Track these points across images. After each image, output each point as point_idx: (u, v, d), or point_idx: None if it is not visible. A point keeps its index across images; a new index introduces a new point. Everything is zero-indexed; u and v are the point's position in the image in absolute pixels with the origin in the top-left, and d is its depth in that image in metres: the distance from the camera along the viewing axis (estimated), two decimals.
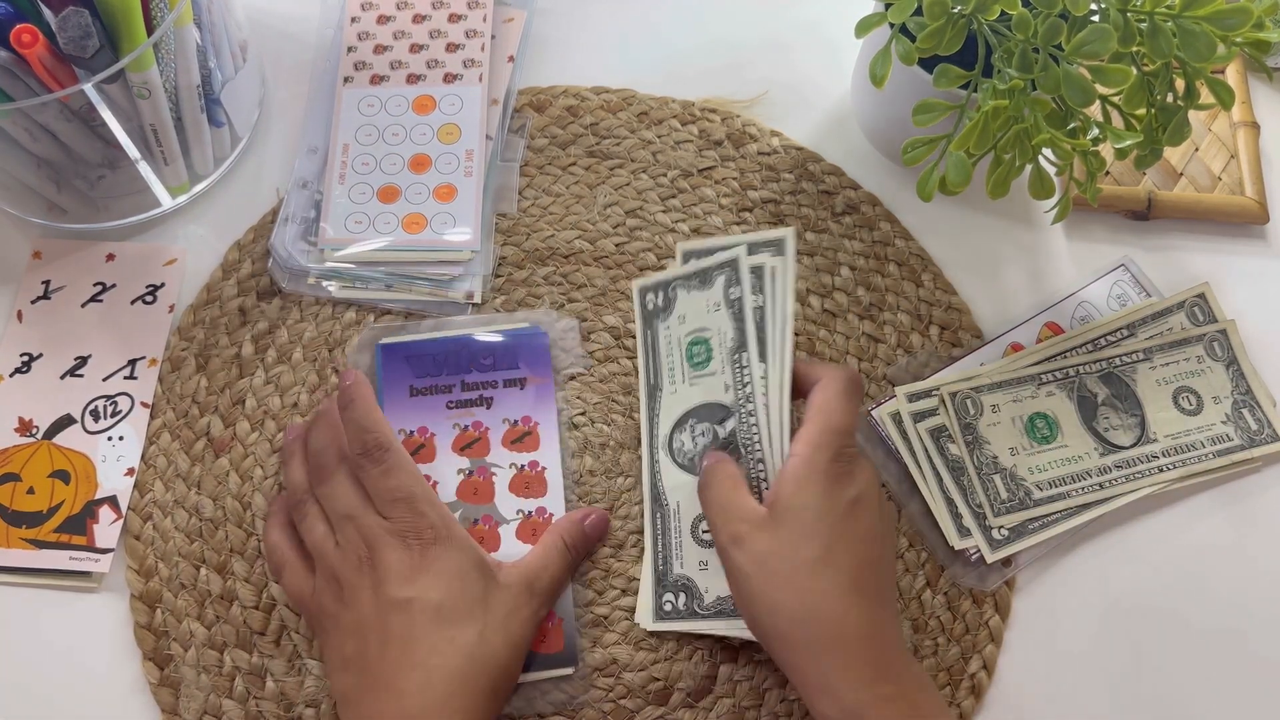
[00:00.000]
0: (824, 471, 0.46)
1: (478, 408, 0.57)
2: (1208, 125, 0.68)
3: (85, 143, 0.58)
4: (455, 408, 0.57)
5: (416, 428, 0.56)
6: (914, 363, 0.60)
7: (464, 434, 0.56)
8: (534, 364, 0.58)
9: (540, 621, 0.51)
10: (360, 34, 0.68)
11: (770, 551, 0.45)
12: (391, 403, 0.56)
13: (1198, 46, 0.48)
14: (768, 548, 0.45)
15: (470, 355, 0.58)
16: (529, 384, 0.57)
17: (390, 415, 0.56)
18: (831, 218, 0.65)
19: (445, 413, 0.57)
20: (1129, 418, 0.58)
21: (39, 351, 0.60)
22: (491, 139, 0.65)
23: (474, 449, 0.56)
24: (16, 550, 0.55)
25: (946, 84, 0.53)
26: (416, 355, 0.57)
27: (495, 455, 0.56)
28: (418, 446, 0.56)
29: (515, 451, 0.56)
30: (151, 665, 0.53)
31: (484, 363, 0.57)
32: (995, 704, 0.54)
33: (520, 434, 0.56)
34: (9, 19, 0.52)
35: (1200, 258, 0.65)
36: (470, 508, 0.55)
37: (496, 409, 0.57)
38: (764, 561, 0.45)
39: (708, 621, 0.52)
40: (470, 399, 0.57)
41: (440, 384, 0.57)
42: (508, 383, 0.57)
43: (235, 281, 0.62)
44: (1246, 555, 0.57)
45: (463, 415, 0.57)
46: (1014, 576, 0.56)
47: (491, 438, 0.56)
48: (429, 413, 0.56)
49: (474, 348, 0.58)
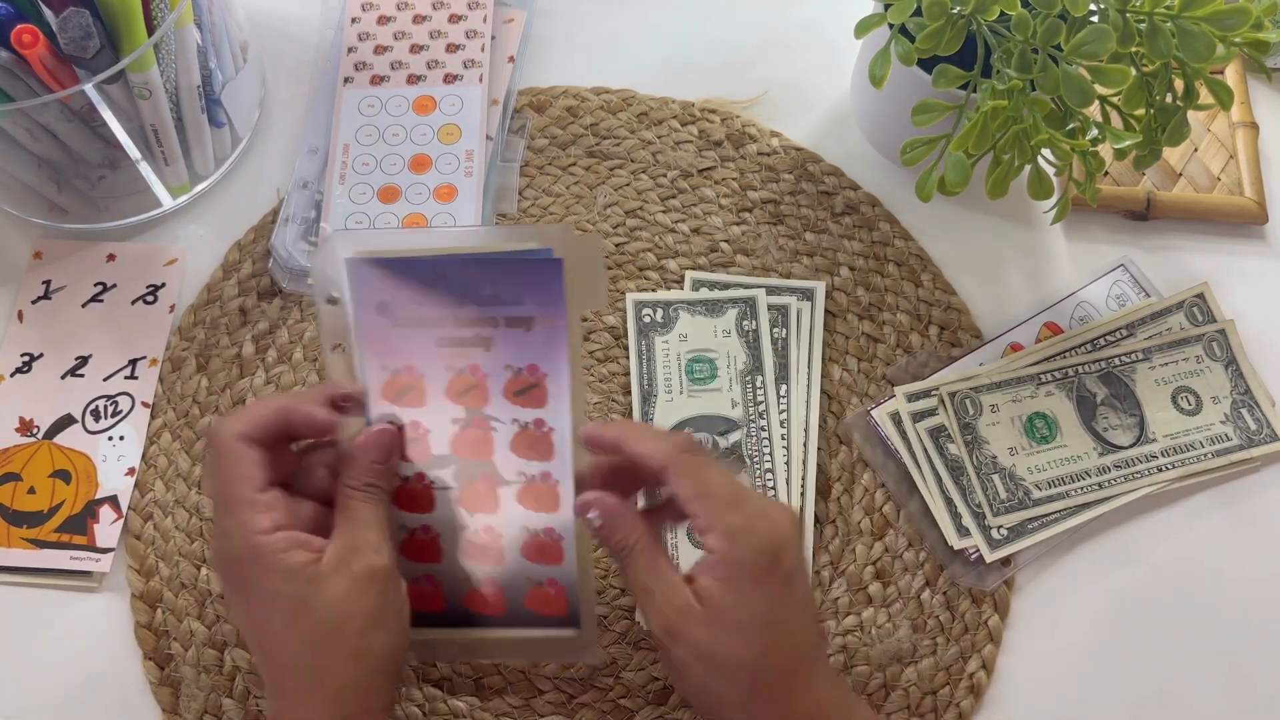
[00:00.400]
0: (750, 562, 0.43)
1: (475, 349, 0.46)
2: (1207, 125, 0.68)
3: (86, 143, 0.58)
4: (449, 346, 0.46)
5: (403, 365, 0.46)
6: (913, 363, 0.61)
7: (459, 378, 0.46)
8: (544, 299, 0.45)
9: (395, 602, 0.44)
10: (361, 34, 0.68)
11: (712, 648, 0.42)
12: (370, 333, 0.45)
13: (1197, 47, 0.48)
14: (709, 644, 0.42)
15: (465, 284, 0.45)
16: (536, 325, 0.45)
17: (368, 348, 0.46)
18: (831, 218, 0.65)
19: (437, 352, 0.46)
20: (1128, 418, 0.58)
21: (40, 351, 0.60)
22: (492, 139, 0.65)
23: (471, 397, 0.46)
24: (17, 550, 0.55)
25: (946, 84, 0.53)
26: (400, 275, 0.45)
27: (495, 407, 0.46)
28: (406, 389, 0.46)
29: (519, 406, 0.46)
30: (152, 665, 0.53)
31: (482, 294, 0.45)
32: (994, 704, 0.54)
33: (525, 385, 0.46)
34: (10, 19, 0.52)
35: (1199, 258, 0.65)
36: (467, 463, 0.47)
37: (496, 352, 0.46)
38: (705, 656, 0.42)
39: None
40: (466, 337, 0.46)
41: (428, 315, 0.45)
42: (510, 321, 0.45)
43: (236, 281, 0.62)
44: (1246, 555, 0.57)
45: (457, 356, 0.46)
46: (1013, 576, 0.56)
47: (491, 386, 0.46)
48: (418, 349, 0.46)
49: (468, 270, 0.45)
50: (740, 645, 0.42)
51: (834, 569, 0.56)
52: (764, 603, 0.43)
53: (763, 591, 0.43)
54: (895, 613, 0.55)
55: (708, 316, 0.60)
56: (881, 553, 0.57)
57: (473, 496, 0.47)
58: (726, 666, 0.42)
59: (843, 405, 0.60)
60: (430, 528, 0.48)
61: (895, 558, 0.56)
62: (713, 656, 0.42)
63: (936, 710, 0.54)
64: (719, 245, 0.64)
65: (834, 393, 0.60)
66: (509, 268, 0.45)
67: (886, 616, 0.55)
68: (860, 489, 0.58)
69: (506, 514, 0.48)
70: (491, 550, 0.48)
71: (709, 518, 0.43)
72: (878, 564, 0.56)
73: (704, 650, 0.42)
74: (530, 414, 0.46)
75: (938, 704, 0.54)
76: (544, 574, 0.48)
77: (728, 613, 0.42)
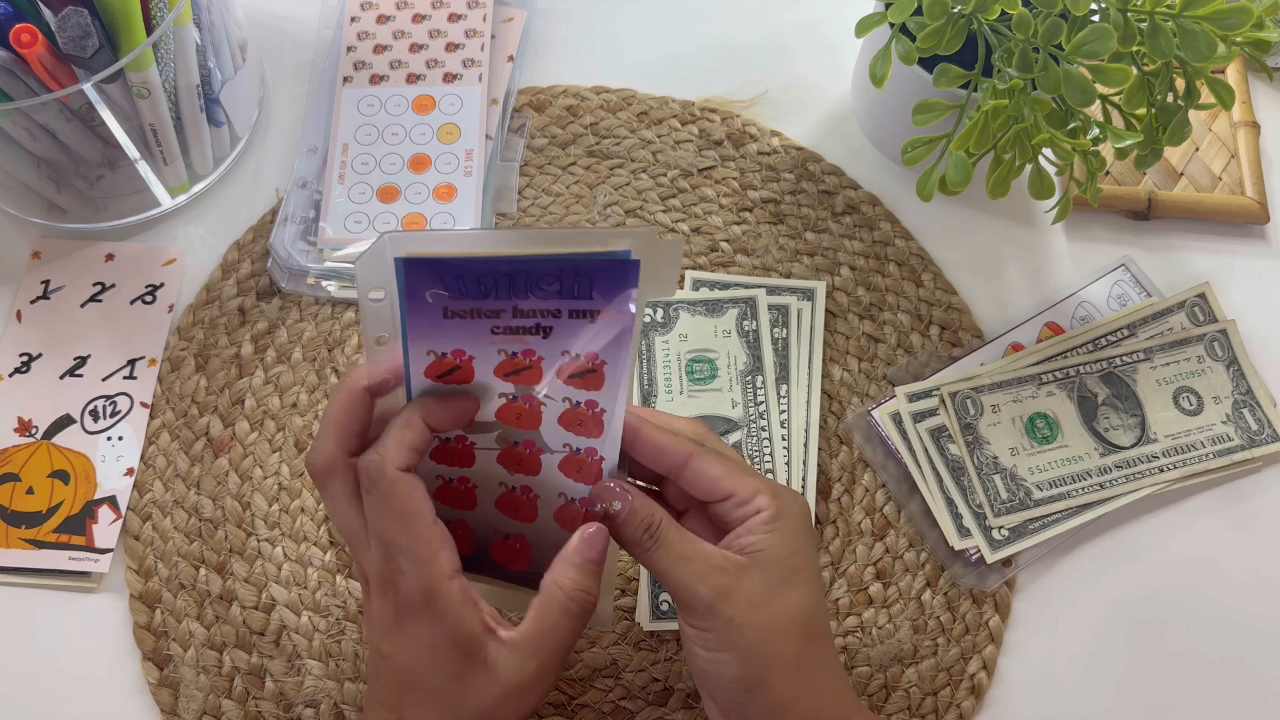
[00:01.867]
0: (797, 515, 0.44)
1: (531, 335, 0.43)
2: (1208, 125, 0.68)
3: (85, 142, 0.58)
4: (503, 334, 0.43)
5: (450, 349, 0.43)
6: (914, 363, 0.60)
7: (511, 360, 0.44)
8: (615, 296, 0.43)
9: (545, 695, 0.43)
10: (360, 34, 0.68)
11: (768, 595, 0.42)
12: (417, 325, 0.42)
13: (1198, 46, 0.48)
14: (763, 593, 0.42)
15: (530, 278, 0.42)
16: (601, 317, 0.43)
17: (415, 337, 0.42)
18: (831, 218, 0.65)
19: (489, 338, 0.43)
20: (1129, 418, 0.58)
21: (38, 351, 0.60)
22: (491, 139, 0.65)
23: (522, 376, 0.44)
24: (16, 550, 0.55)
25: (946, 84, 0.53)
26: (454, 276, 0.42)
27: (548, 386, 0.44)
28: (450, 369, 0.44)
29: (572, 386, 0.44)
30: (151, 665, 0.53)
31: (547, 288, 0.42)
32: (995, 704, 0.54)
33: (582, 369, 0.44)
34: (8, 19, 0.52)
35: (1200, 258, 0.64)
36: (511, 430, 0.45)
37: (555, 339, 0.43)
38: (761, 604, 0.42)
39: None
40: (524, 326, 0.43)
41: (485, 308, 0.42)
42: (574, 313, 0.43)
43: (235, 281, 0.62)
44: (1247, 555, 0.57)
45: (511, 342, 0.43)
46: (1014, 577, 0.56)
47: (545, 367, 0.44)
48: (468, 336, 0.43)
49: (536, 268, 0.42)
50: (795, 590, 0.42)
51: (834, 569, 0.56)
52: (810, 552, 0.44)
53: (809, 545, 0.44)
54: (896, 613, 0.55)
55: (708, 316, 0.60)
56: (882, 553, 0.56)
57: (514, 458, 0.46)
58: (783, 613, 0.42)
59: (843, 405, 0.60)
60: (468, 479, 0.47)
61: (896, 558, 0.56)
62: (769, 603, 0.42)
63: (937, 711, 0.53)
64: (719, 245, 0.63)
65: (834, 393, 0.60)
66: (583, 267, 0.42)
67: (887, 617, 0.55)
68: (861, 489, 0.58)
69: (546, 478, 0.46)
70: (525, 507, 0.47)
71: (751, 484, 0.43)
72: (878, 564, 0.56)
73: (759, 598, 0.42)
74: (584, 395, 0.45)
75: (938, 705, 0.54)
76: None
77: (781, 561, 0.42)
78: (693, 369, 0.59)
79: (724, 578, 0.42)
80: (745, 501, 0.43)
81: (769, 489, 0.44)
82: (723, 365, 0.59)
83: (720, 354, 0.59)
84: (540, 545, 0.47)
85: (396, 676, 0.42)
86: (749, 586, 0.42)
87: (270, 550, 0.55)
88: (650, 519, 0.43)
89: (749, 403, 0.58)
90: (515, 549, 0.47)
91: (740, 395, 0.58)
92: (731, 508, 0.43)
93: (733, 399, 0.58)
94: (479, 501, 0.47)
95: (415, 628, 0.41)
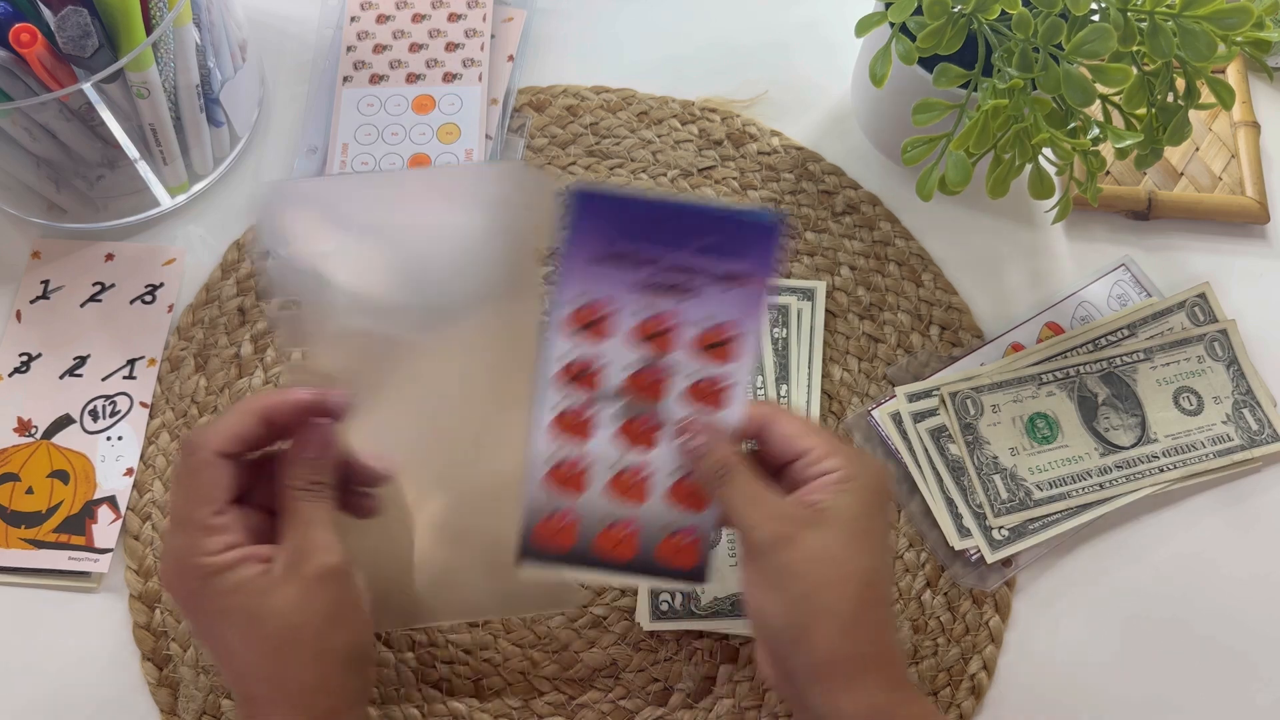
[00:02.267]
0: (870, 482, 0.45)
1: (672, 297, 0.45)
2: (1208, 125, 0.68)
3: (84, 142, 0.58)
4: (650, 289, 0.45)
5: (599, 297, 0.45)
6: (914, 363, 0.60)
7: (649, 322, 0.45)
8: (759, 260, 0.45)
9: (350, 601, 0.43)
10: (360, 33, 0.68)
11: (828, 550, 0.43)
12: (573, 261, 0.45)
13: (1198, 46, 0.48)
14: (823, 548, 0.43)
15: (685, 229, 0.45)
16: (744, 284, 0.45)
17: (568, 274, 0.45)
18: (831, 217, 0.65)
19: (637, 291, 0.45)
20: (1129, 418, 0.58)
21: (38, 351, 0.60)
22: (491, 138, 0.65)
23: (656, 342, 0.46)
24: (15, 550, 0.55)
25: (946, 83, 0.53)
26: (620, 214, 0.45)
27: (679, 355, 0.46)
28: (592, 320, 0.45)
29: (704, 360, 0.46)
30: (150, 665, 0.53)
31: (701, 244, 0.45)
32: (995, 704, 0.54)
33: (716, 340, 0.46)
34: (8, 18, 0.52)
35: (1200, 257, 0.64)
36: (634, 402, 0.46)
37: (695, 305, 0.45)
38: (819, 559, 0.43)
39: (704, 621, 0.52)
40: (669, 283, 0.45)
41: (641, 255, 0.45)
42: (719, 277, 0.45)
43: (234, 281, 0.62)
44: (1247, 555, 0.57)
45: (654, 301, 0.45)
46: (1014, 577, 0.56)
47: (681, 335, 0.46)
48: (617, 285, 0.45)
49: (692, 220, 0.44)
50: (857, 549, 0.43)
51: None
52: (880, 520, 0.44)
53: (880, 512, 0.44)
54: (896, 613, 0.55)
55: None
56: None
57: (632, 432, 0.47)
58: (841, 570, 0.42)
59: (843, 405, 0.60)
60: (580, 460, 0.47)
61: (896, 558, 0.56)
62: (828, 559, 0.42)
63: None
64: None
65: (834, 393, 0.60)
66: (732, 225, 0.45)
67: None
68: None
69: (661, 454, 0.47)
70: (636, 489, 0.47)
71: (827, 445, 0.44)
72: None
73: (818, 553, 0.42)
74: (713, 368, 0.46)
75: (939, 705, 0.54)
76: (683, 521, 0.47)
77: (847, 520, 0.43)
78: None
79: (786, 525, 0.43)
80: (818, 461, 0.44)
81: (845, 453, 0.44)
82: None
83: None
84: (648, 528, 0.47)
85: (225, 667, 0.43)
86: (810, 539, 0.43)
87: None
88: (726, 459, 0.45)
89: None
90: (620, 538, 0.47)
91: None
92: (805, 466, 0.44)
93: None
94: (587, 485, 0.47)
95: (203, 605, 0.42)
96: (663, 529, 0.47)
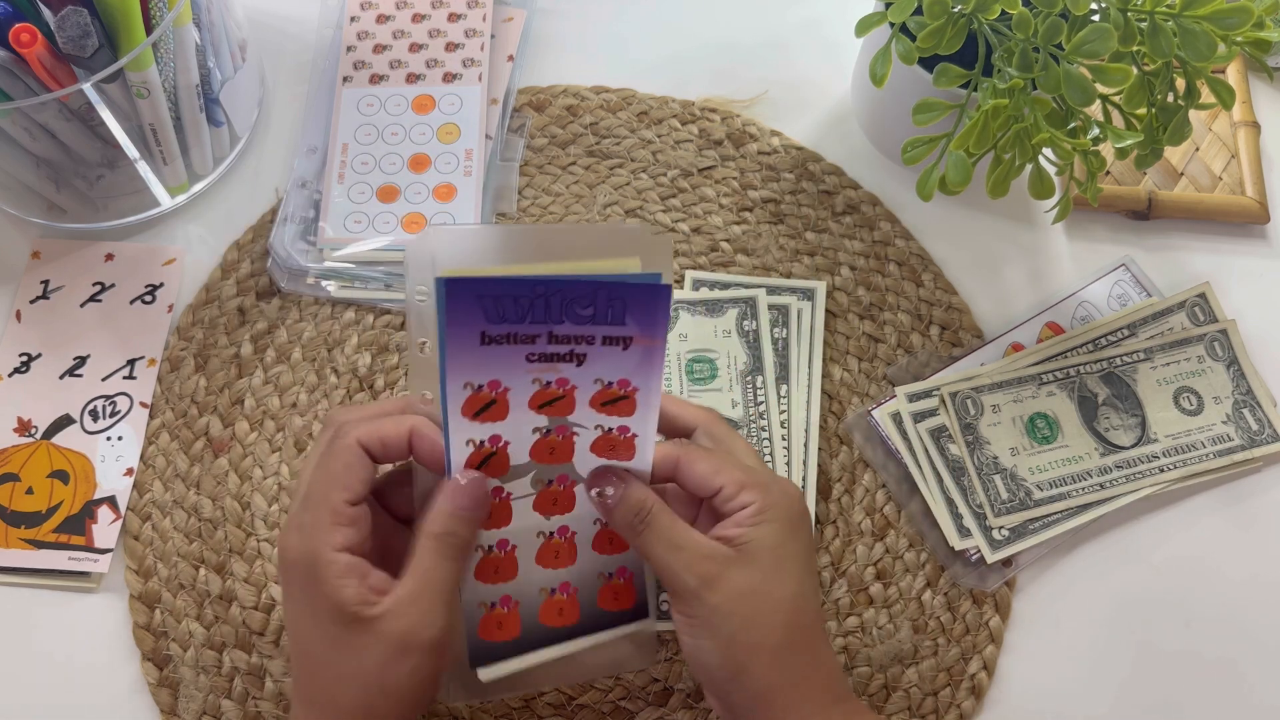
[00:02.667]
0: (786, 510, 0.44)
1: (566, 364, 0.44)
2: (1208, 125, 0.68)
3: (84, 142, 0.58)
4: (537, 361, 0.44)
5: (487, 381, 0.44)
6: (914, 363, 0.60)
7: (545, 390, 0.45)
8: (646, 322, 0.44)
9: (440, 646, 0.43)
10: (359, 33, 0.68)
11: (752, 585, 0.43)
12: (456, 351, 0.43)
13: (1198, 46, 0.48)
14: (747, 584, 0.43)
15: (565, 301, 0.43)
16: (635, 344, 0.44)
17: (453, 366, 0.43)
18: (831, 217, 0.65)
19: (524, 366, 0.44)
20: (1129, 418, 0.58)
21: (38, 351, 0.60)
22: (491, 138, 0.65)
23: (555, 407, 0.45)
24: (15, 550, 0.55)
25: (946, 83, 0.53)
26: (492, 295, 0.43)
27: (580, 415, 0.46)
28: (486, 403, 0.44)
29: (604, 414, 0.46)
30: (150, 665, 0.53)
31: (582, 313, 0.44)
32: (995, 705, 0.54)
33: (614, 397, 0.45)
34: (8, 18, 0.52)
35: (1201, 257, 0.64)
36: (544, 468, 0.46)
37: (589, 368, 0.45)
38: (746, 595, 0.43)
39: None
40: (558, 353, 0.44)
41: (521, 333, 0.43)
42: (608, 340, 0.44)
43: (234, 281, 0.62)
44: (1247, 555, 0.57)
45: (545, 370, 0.44)
46: (1014, 577, 0.56)
47: (578, 397, 0.45)
48: (503, 364, 0.44)
49: (571, 292, 0.43)
50: (780, 581, 0.43)
51: (835, 570, 0.56)
52: (800, 546, 0.45)
53: (798, 537, 0.45)
54: (896, 614, 0.55)
55: (708, 316, 0.60)
56: (882, 553, 0.56)
57: (549, 499, 0.47)
58: (766, 603, 0.43)
59: (843, 405, 0.60)
60: (507, 541, 0.47)
61: (896, 558, 0.56)
62: (754, 594, 0.43)
63: (938, 711, 0.53)
64: (719, 245, 0.63)
65: (835, 393, 0.60)
66: (616, 293, 0.43)
67: (888, 617, 0.55)
68: (861, 489, 0.58)
69: (580, 510, 0.47)
70: (565, 550, 0.47)
71: (738, 477, 0.44)
72: (879, 565, 0.56)
73: (744, 589, 0.43)
74: (615, 421, 0.46)
75: (939, 705, 0.54)
76: (614, 564, 0.48)
77: (768, 552, 0.43)
78: (692, 369, 0.59)
79: (711, 566, 0.43)
80: (733, 496, 0.44)
81: (757, 482, 0.44)
82: (723, 365, 0.59)
83: (720, 354, 0.59)
84: (585, 583, 0.48)
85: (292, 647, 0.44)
86: (735, 577, 0.43)
87: (270, 550, 0.55)
88: (642, 505, 0.44)
89: (749, 403, 0.58)
90: (562, 605, 0.48)
91: (740, 395, 0.58)
92: (722, 501, 0.44)
93: (733, 399, 0.58)
94: (520, 564, 0.47)
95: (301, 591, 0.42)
96: (598, 577, 0.48)
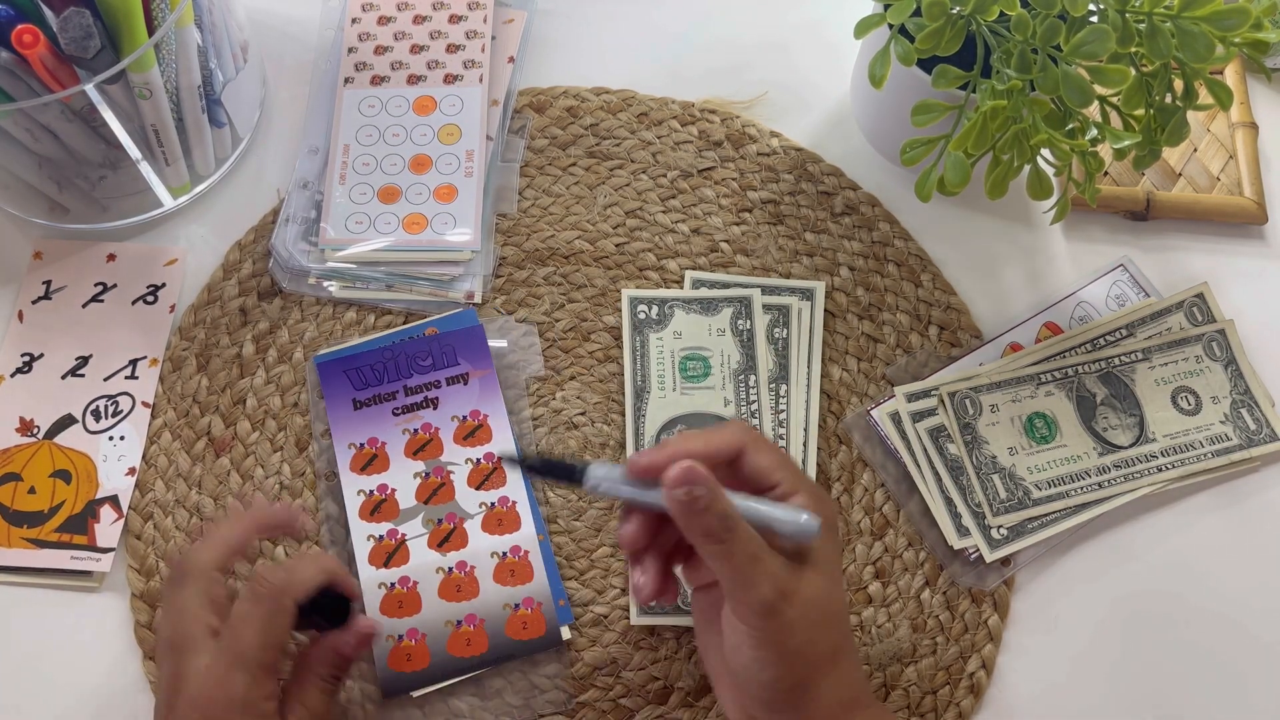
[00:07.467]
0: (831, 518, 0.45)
1: (425, 410, 0.57)
2: (1206, 126, 0.68)
3: (87, 143, 0.58)
4: (402, 413, 0.57)
5: (366, 439, 0.56)
6: (913, 363, 0.61)
7: (415, 438, 0.56)
8: (473, 356, 0.58)
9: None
10: (361, 35, 0.68)
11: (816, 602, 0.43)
12: (337, 419, 0.56)
13: (1196, 47, 0.48)
14: (814, 599, 0.43)
15: (408, 358, 0.57)
16: (472, 378, 0.57)
17: (337, 432, 0.56)
18: (831, 218, 0.65)
19: (393, 420, 0.56)
20: (1128, 417, 0.58)
21: (40, 351, 0.60)
22: (492, 140, 0.66)
23: (427, 450, 0.56)
24: (18, 550, 0.55)
25: (945, 84, 0.53)
26: (354, 367, 0.57)
27: (449, 454, 0.56)
28: (370, 458, 0.56)
29: (469, 447, 0.56)
30: (152, 665, 0.53)
31: (423, 364, 0.57)
32: (994, 703, 0.54)
33: (471, 429, 0.56)
34: (10, 20, 0.52)
35: (1199, 258, 0.65)
36: (432, 509, 0.55)
37: (444, 408, 0.57)
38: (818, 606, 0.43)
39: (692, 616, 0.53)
40: (416, 402, 0.57)
41: (383, 392, 0.57)
42: (451, 380, 0.57)
43: (236, 281, 0.62)
44: (1245, 554, 0.57)
45: (410, 420, 0.56)
46: (1013, 576, 0.56)
47: (443, 437, 0.56)
48: (376, 423, 0.56)
49: (410, 350, 0.58)
50: (837, 589, 0.44)
51: None
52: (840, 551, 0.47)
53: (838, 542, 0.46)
54: (895, 612, 0.55)
55: (702, 314, 0.60)
56: (881, 552, 0.57)
57: (441, 536, 0.54)
58: (831, 613, 0.43)
59: (842, 405, 0.60)
60: (409, 578, 0.53)
61: (895, 557, 0.56)
62: (820, 606, 0.43)
63: (936, 710, 0.54)
64: (719, 245, 0.64)
65: (834, 392, 0.60)
66: (443, 339, 0.58)
67: (886, 616, 0.55)
68: (860, 489, 0.58)
69: (475, 545, 0.54)
70: (467, 584, 0.53)
71: (794, 479, 0.44)
72: (877, 564, 0.56)
73: (813, 601, 0.43)
74: (479, 451, 0.56)
75: (938, 704, 0.54)
76: (519, 595, 0.53)
77: (830, 565, 0.44)
78: (686, 366, 0.59)
79: (788, 579, 0.42)
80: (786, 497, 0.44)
81: (809, 489, 0.44)
82: (716, 364, 0.59)
83: (714, 352, 0.59)
84: (491, 615, 0.53)
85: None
86: (805, 590, 0.42)
87: (271, 550, 0.56)
88: (728, 513, 0.41)
89: (741, 401, 0.58)
90: (469, 635, 0.52)
91: (733, 394, 0.58)
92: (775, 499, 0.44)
93: (725, 397, 0.58)
94: (423, 599, 0.53)
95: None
96: (503, 608, 0.53)
